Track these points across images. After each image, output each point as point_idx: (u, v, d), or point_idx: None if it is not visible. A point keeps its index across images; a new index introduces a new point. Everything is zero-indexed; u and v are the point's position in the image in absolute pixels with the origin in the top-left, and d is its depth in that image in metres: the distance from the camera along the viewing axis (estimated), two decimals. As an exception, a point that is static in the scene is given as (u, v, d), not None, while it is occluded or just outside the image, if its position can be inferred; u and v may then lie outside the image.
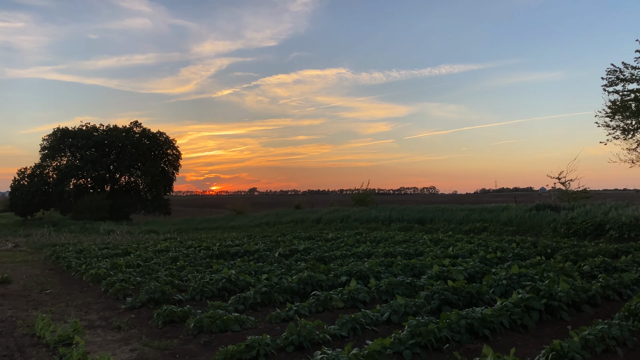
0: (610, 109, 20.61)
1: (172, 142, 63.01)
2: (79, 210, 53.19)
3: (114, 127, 60.71)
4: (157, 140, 61.24)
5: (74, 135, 58.92)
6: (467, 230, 22.05)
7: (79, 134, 59.03)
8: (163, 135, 62.45)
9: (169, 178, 62.27)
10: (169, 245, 16.75)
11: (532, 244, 14.50)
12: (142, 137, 60.36)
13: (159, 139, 61.67)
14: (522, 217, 22.31)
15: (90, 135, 58.85)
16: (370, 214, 30.51)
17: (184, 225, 42.92)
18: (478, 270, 9.66)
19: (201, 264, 12.11)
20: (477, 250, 12.85)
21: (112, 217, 53.12)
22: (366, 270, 9.52)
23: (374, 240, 17.66)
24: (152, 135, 61.09)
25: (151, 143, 60.30)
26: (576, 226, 18.77)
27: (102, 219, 49.91)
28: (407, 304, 6.96)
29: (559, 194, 26.57)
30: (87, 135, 58.39)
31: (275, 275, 9.55)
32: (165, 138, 62.44)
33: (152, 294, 8.27)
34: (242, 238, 21.33)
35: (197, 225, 42.12)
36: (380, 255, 12.65)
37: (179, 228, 40.70)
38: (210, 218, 46.04)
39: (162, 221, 51.10)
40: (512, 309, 6.53)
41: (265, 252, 13.94)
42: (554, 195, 26.89)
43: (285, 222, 34.30)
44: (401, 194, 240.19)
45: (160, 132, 62.11)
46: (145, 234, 34.30)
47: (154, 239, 21.80)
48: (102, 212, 52.39)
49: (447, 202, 50.20)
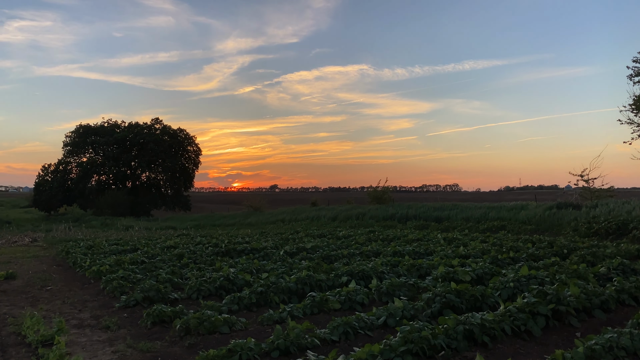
0: (634, 104, 19.80)
1: (192, 138, 63.47)
2: (100, 206, 53.90)
3: (136, 124, 61.36)
4: (177, 137, 61.73)
5: (95, 132, 59.75)
6: (484, 229, 21.49)
7: (101, 130, 59.85)
8: (183, 132, 62.94)
9: (189, 174, 62.71)
10: (178, 241, 16.64)
11: (549, 243, 13.95)
12: (162, 133, 60.90)
13: (179, 135, 62.15)
14: (542, 216, 21.64)
15: (112, 132, 59.59)
16: (387, 212, 30.07)
17: (203, 222, 43.06)
18: (487, 272, 9.22)
19: (205, 261, 11.91)
20: (490, 250, 12.38)
21: (132, 213, 53.68)
22: (369, 270, 9.17)
23: (386, 238, 17.27)
24: (172, 132, 61.60)
25: (172, 140, 60.80)
26: (598, 225, 18.07)
27: (123, 215, 50.42)
28: (405, 307, 6.60)
29: (581, 192, 25.74)
30: (109, 132, 59.15)
31: (275, 275, 9.28)
32: (186, 135, 62.90)
33: (147, 292, 8.08)
34: (254, 235, 21.16)
35: (215, 221, 42.21)
36: (388, 255, 12.29)
37: (197, 224, 40.87)
38: (228, 214, 46.14)
39: (182, 217, 51.41)
40: (515, 314, 6.12)
41: (272, 249, 13.69)
42: (576, 193, 26.06)
43: (301, 219, 34.08)
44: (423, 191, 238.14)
45: (180, 129, 62.65)
46: (162, 229, 34.47)
47: (165, 235, 21.79)
48: (122, 208, 52.98)
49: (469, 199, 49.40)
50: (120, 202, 53.68)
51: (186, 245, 15.26)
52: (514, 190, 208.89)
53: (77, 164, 59.30)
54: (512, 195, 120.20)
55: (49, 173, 58.00)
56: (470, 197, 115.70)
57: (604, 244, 13.93)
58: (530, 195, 64.56)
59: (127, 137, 59.05)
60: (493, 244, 14.06)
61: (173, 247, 15.05)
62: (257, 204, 46.12)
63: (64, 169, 58.61)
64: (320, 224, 30.21)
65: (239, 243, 15.18)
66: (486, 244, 14.31)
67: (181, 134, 62.50)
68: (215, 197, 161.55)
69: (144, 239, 19.02)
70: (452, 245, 14.32)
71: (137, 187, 60.49)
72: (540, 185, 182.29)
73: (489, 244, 14.21)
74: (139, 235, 24.42)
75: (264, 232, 23.15)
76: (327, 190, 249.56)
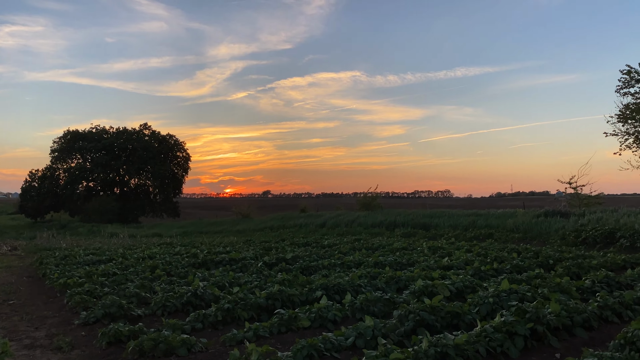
0: (622, 114, 19.61)
1: (182, 144, 63.02)
2: (87, 212, 53.24)
3: (124, 130, 60.80)
4: (166, 143, 61.23)
5: (84, 137, 59.12)
6: (472, 237, 21.16)
7: (89, 136, 59.22)
8: (173, 137, 62.49)
9: (178, 180, 62.19)
10: (157, 251, 16.17)
11: (535, 253, 13.62)
12: (151, 139, 60.40)
13: (168, 141, 61.66)
14: (530, 224, 21.34)
15: (101, 137, 59.01)
16: (376, 219, 29.71)
17: (190, 229, 42.50)
18: (468, 285, 8.87)
19: (179, 273, 11.47)
20: (474, 261, 12.03)
21: (120, 220, 53.05)
22: (345, 284, 8.78)
23: (371, 247, 16.89)
24: (161, 137, 61.12)
25: (161, 145, 60.26)
26: (585, 234, 17.77)
27: (111, 222, 49.78)
28: (376, 326, 6.21)
29: (569, 199, 25.52)
30: (97, 138, 58.54)
31: (247, 288, 8.88)
32: (175, 140, 62.43)
33: (108, 308, 7.64)
34: (238, 243, 20.73)
35: (202, 228, 41.66)
36: (369, 265, 11.91)
37: (185, 231, 40.30)
38: (216, 221, 45.60)
39: (170, 224, 50.79)
40: (492, 334, 5.75)
41: (251, 260, 13.27)
42: (564, 201, 25.84)
43: (289, 226, 33.65)
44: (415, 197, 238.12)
45: (169, 135, 62.21)
46: (148, 237, 33.93)
47: (146, 244, 21.28)
48: (110, 215, 52.34)
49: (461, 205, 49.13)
50: (108, 208, 53.05)
51: (163, 255, 14.81)
52: (505, 196, 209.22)
53: (65, 169, 58.59)
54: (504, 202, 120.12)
55: (36, 179, 57.24)
56: (461, 204, 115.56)
57: (590, 253, 13.62)
58: (522, 201, 64.48)
59: (116, 143, 58.50)
60: (478, 254, 13.72)
61: (150, 257, 14.59)
62: (246, 210, 45.64)
63: (51, 175, 57.87)
64: (308, 231, 29.80)
65: (218, 253, 14.74)
66: (471, 253, 13.97)
67: (170, 140, 62.01)
68: (207, 203, 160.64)
69: (122, 248, 18.52)
70: (436, 255, 13.97)
71: (126, 193, 59.87)
72: (532, 192, 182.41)
73: (474, 253, 13.87)
74: (122, 244, 23.88)
75: (249, 240, 22.72)
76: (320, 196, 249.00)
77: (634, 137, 19.64)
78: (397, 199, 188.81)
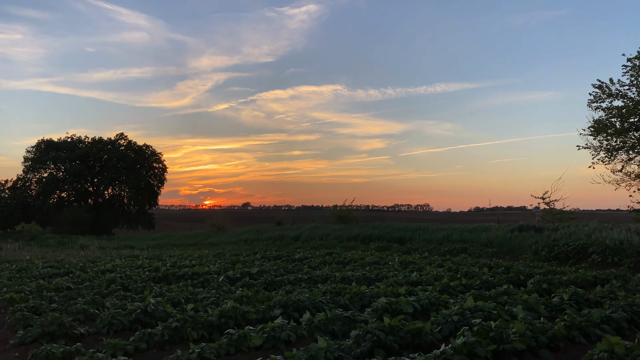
0: (594, 128, 19.67)
1: (159, 155, 62.03)
2: (59, 223, 51.87)
3: (100, 140, 59.66)
4: (142, 153, 60.21)
5: (58, 147, 57.84)
6: (446, 252, 20.93)
7: (64, 145, 57.93)
8: (150, 148, 61.51)
9: (154, 192, 61.11)
10: (118, 264, 15.52)
11: (506, 268, 13.38)
12: (127, 149, 59.33)
13: (145, 152, 60.66)
14: (503, 238, 21.22)
15: (75, 147, 57.75)
16: (352, 232, 29.34)
17: (163, 241, 41.58)
18: (433, 302, 8.51)
19: (136, 288, 10.89)
20: (443, 276, 11.70)
21: (93, 231, 51.77)
22: (306, 301, 8.34)
23: (342, 261, 16.49)
24: (137, 147, 60.10)
25: (137, 156, 59.21)
26: (558, 249, 17.66)
27: (83, 233, 48.50)
28: (329, 348, 5.79)
29: (543, 214, 25.52)
30: (71, 147, 57.27)
31: (203, 305, 8.39)
32: (152, 151, 61.47)
33: (48, 327, 7.08)
34: (207, 257, 20.13)
35: (176, 241, 40.80)
36: (336, 280, 11.50)
37: (158, 243, 39.37)
38: (190, 234, 44.74)
39: (143, 236, 49.68)
40: (451, 357, 5.39)
41: (214, 274, 12.74)
42: (538, 216, 25.83)
43: (264, 239, 33.09)
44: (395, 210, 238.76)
45: (146, 145, 61.24)
46: (119, 249, 33.01)
47: (112, 256, 20.51)
48: (83, 226, 51.06)
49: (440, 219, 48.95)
50: (80, 219, 51.76)
51: (124, 268, 14.18)
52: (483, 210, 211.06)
53: (37, 179, 57.15)
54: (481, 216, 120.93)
55: (6, 190, 55.67)
56: (440, 217, 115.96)
57: (562, 269, 13.44)
58: (500, 215, 64.87)
59: (90, 153, 57.28)
60: (449, 269, 13.41)
61: (110, 270, 13.95)
62: (221, 222, 44.83)
63: (22, 185, 56.37)
64: (283, 244, 29.28)
65: (181, 267, 14.17)
66: (442, 268, 13.67)
67: (147, 150, 61.02)
68: (185, 215, 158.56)
69: (85, 261, 17.80)
70: (407, 270, 13.62)
71: (99, 204, 58.53)
72: (509, 207, 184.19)
73: (445, 268, 13.57)
74: (90, 256, 23.05)
75: (220, 254, 22.10)
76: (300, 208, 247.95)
77: (605, 150, 19.68)
78: (377, 212, 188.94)
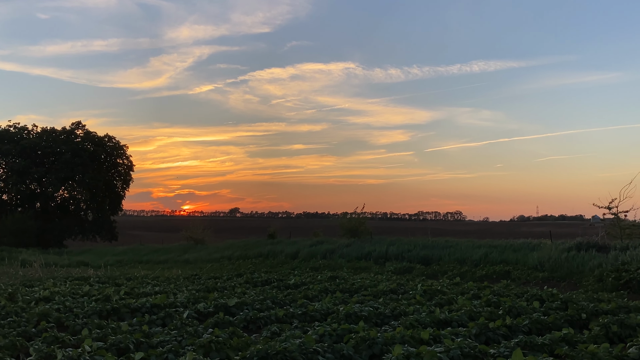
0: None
1: (124, 148, 61.80)
2: (-2, 234, 51.69)
3: (51, 129, 59.46)
4: (104, 147, 59.98)
5: (-2, 137, 57.58)
6: (483, 276, 20.42)
7: (5, 135, 57.63)
8: (112, 139, 61.24)
9: (117, 194, 60.91)
10: (58, 290, 14.97)
11: (563, 302, 12.73)
12: (84, 141, 59.10)
13: (106, 144, 60.44)
14: (557, 260, 20.70)
15: (20, 138, 57.44)
16: (362, 249, 28.88)
17: (128, 256, 41.28)
18: (467, 353, 7.88)
19: (75, 326, 10.31)
20: (480, 313, 11.10)
21: (41, 243, 51.62)
22: (294, 350, 7.72)
23: (349, 289, 15.92)
24: (97, 139, 59.89)
25: (96, 150, 58.93)
26: (628, 275, 17.01)
27: (27, 246, 48.29)
28: None
29: (608, 229, 24.82)
30: (13, 139, 56.95)
31: (157, 354, 7.80)
32: (115, 144, 61.31)
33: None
34: (178, 280, 19.62)
35: (143, 256, 40.48)
36: (339, 318, 10.92)
37: (120, 260, 39.10)
38: (161, 248, 44.39)
39: (102, 250, 49.46)
40: None
41: (180, 307, 12.18)
42: (602, 231, 25.15)
43: (253, 256, 32.67)
44: (419, 219, 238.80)
45: (108, 137, 61.03)
46: (71, 266, 32.61)
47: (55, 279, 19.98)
48: (27, 237, 50.96)
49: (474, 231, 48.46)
50: (24, 228, 51.61)
51: (65, 297, 13.64)
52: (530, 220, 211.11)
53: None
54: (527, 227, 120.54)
55: None
56: (476, 229, 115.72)
57: (635, 304, 12.75)
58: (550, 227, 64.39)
59: (39, 146, 56.99)
60: (487, 302, 12.79)
61: (46, 299, 13.42)
62: (200, 234, 44.43)
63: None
64: (275, 263, 28.83)
65: (140, 295, 13.63)
66: (478, 301, 13.07)
67: (109, 143, 60.79)
68: (158, 223, 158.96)
69: (18, 285, 17.27)
70: (432, 302, 13.02)
71: (49, 210, 58.25)
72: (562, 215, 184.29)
73: (482, 301, 12.95)
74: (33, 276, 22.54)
75: (194, 276, 21.59)
76: (300, 216, 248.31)
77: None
78: (396, 222, 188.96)
